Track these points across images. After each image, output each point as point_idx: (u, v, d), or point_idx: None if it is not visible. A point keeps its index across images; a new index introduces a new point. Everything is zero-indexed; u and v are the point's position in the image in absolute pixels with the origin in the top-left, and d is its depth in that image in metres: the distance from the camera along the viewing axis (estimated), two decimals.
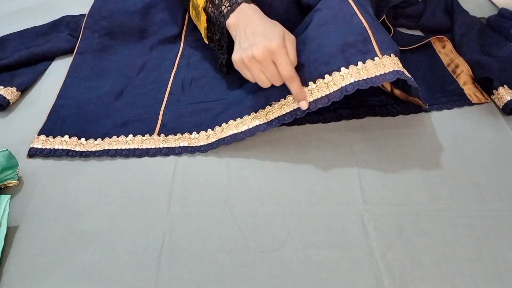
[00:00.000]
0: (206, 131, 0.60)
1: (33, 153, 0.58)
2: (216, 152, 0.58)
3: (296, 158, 0.57)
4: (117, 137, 0.60)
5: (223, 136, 0.58)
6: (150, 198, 0.52)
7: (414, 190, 0.52)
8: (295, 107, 0.54)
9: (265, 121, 0.56)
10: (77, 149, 0.58)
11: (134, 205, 0.52)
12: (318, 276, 0.45)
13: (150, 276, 0.45)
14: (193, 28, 0.75)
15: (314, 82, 0.53)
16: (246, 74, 0.54)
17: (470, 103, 0.64)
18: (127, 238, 0.48)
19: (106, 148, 0.59)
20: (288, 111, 0.55)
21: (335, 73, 0.52)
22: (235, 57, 0.53)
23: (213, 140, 0.58)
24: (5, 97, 0.65)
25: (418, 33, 0.78)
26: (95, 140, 0.60)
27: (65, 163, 0.57)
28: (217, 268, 0.45)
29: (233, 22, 0.55)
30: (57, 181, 0.55)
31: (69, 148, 0.59)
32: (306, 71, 0.54)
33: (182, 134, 0.60)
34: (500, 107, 0.62)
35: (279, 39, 0.50)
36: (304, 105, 0.52)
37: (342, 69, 0.52)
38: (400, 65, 0.53)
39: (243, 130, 0.57)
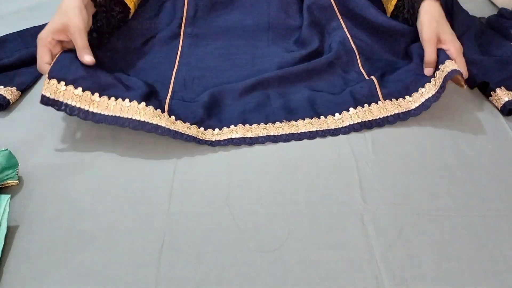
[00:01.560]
0: (214, 130, 0.60)
1: (45, 102, 0.55)
2: (216, 152, 0.58)
3: (296, 158, 0.57)
4: (130, 101, 0.57)
5: (232, 137, 0.59)
6: (150, 198, 0.52)
7: (414, 190, 0.52)
8: (307, 130, 0.60)
9: (275, 134, 0.59)
10: (90, 109, 0.56)
11: (134, 205, 0.52)
12: (318, 276, 0.45)
13: (150, 276, 0.45)
14: (190, 24, 0.76)
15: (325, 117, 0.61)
16: None
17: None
18: (127, 238, 0.48)
19: (117, 115, 0.56)
20: (302, 131, 0.59)
21: (344, 113, 0.61)
22: None
23: (220, 138, 0.59)
24: (5, 97, 0.64)
25: None
26: (109, 99, 0.57)
27: (65, 163, 0.57)
28: (217, 268, 0.45)
29: None
30: (57, 181, 0.55)
31: (82, 106, 0.55)
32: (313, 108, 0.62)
33: (191, 124, 0.59)
34: (499, 108, 0.62)
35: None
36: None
37: (351, 109, 0.61)
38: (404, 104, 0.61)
39: (253, 136, 0.59)
